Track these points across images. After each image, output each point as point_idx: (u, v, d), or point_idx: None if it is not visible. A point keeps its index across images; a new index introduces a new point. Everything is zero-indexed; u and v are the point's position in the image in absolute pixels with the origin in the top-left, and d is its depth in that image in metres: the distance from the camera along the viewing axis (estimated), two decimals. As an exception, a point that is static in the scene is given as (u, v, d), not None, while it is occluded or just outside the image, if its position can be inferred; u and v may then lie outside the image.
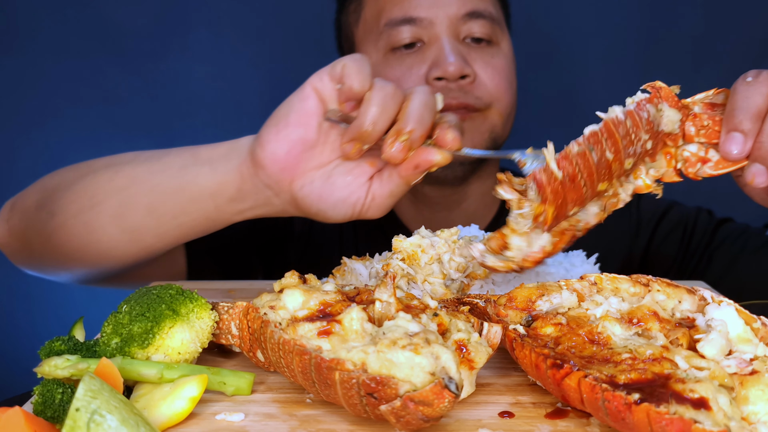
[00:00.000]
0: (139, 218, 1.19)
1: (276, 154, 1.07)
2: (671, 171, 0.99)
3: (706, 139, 0.96)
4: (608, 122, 0.91)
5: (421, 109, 0.99)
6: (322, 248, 1.72)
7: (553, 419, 0.78)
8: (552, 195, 0.90)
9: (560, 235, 0.97)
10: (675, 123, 0.96)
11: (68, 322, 0.99)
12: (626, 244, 1.68)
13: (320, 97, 1.05)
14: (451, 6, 1.52)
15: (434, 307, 0.84)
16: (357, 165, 1.09)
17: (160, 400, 0.77)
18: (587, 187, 0.92)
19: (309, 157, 1.08)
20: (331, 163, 1.10)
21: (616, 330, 0.80)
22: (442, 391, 0.68)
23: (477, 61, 1.54)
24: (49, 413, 0.77)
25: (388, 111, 0.99)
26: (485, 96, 1.54)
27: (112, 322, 0.85)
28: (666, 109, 0.96)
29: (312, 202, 1.10)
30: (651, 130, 0.94)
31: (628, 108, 0.93)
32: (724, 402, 0.65)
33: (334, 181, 1.09)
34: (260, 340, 0.83)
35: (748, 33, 2.24)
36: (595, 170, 0.91)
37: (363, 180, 1.09)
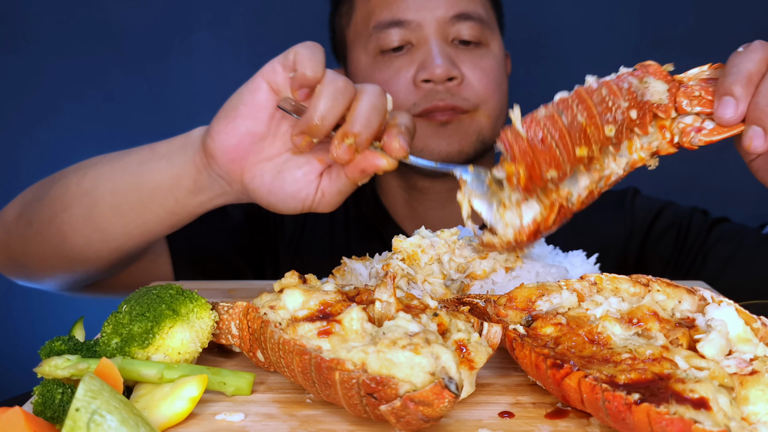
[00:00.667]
0: (106, 218, 1.22)
1: (225, 146, 1.08)
2: (666, 143, 0.99)
3: (701, 108, 0.97)
4: (579, 89, 0.95)
5: (369, 112, 0.99)
6: (313, 249, 1.72)
7: (553, 419, 0.78)
8: (520, 154, 0.94)
9: (550, 207, 0.99)
10: (662, 93, 0.96)
11: (68, 322, 0.99)
12: (621, 244, 1.68)
13: (272, 88, 1.06)
14: (439, 8, 1.52)
15: (434, 307, 0.84)
16: (307, 161, 1.10)
17: (160, 400, 0.77)
18: (560, 149, 0.94)
19: (259, 150, 1.09)
20: (281, 156, 1.10)
21: (616, 330, 0.80)
22: (442, 391, 0.68)
23: (465, 62, 1.54)
24: (49, 413, 0.77)
25: (338, 106, 0.99)
26: (473, 98, 1.54)
27: (112, 322, 0.85)
28: (651, 81, 0.97)
29: (263, 195, 1.11)
30: (633, 99, 0.95)
31: (604, 79, 0.96)
32: (724, 402, 0.65)
33: (284, 177, 1.10)
34: (260, 340, 0.83)
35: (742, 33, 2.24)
36: (567, 133, 0.94)
37: (312, 177, 1.10)
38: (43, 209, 1.28)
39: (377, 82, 1.55)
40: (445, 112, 1.52)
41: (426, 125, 1.53)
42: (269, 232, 1.71)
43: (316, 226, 1.73)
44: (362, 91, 1.01)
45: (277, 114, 1.08)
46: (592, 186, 1.00)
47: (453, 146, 1.55)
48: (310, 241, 1.72)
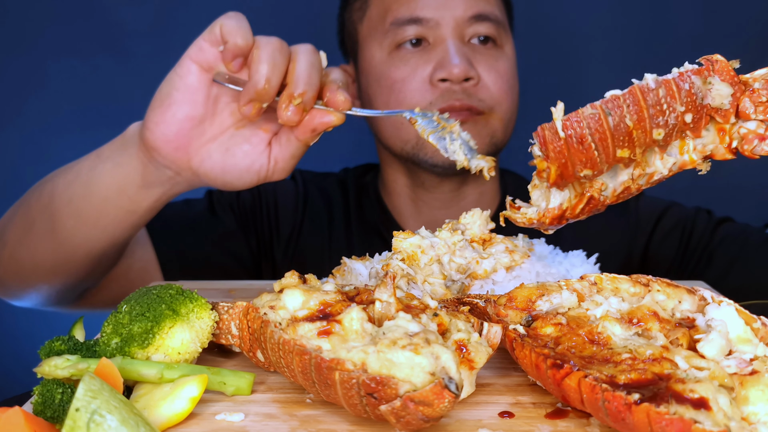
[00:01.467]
0: (68, 228, 1.22)
1: (166, 135, 1.07)
2: (723, 148, 0.93)
3: (765, 116, 0.91)
4: (635, 88, 0.89)
5: (309, 70, 1.00)
6: (311, 253, 1.71)
7: (553, 419, 0.78)
8: (555, 153, 0.90)
9: (580, 196, 0.95)
10: (725, 98, 0.90)
11: (68, 322, 0.99)
12: (625, 244, 1.68)
13: (202, 67, 1.05)
14: (457, 8, 1.52)
15: (434, 307, 0.84)
16: (252, 133, 1.10)
17: (160, 400, 0.77)
18: (600, 151, 0.89)
19: (201, 132, 1.08)
20: (225, 134, 1.10)
21: (616, 330, 0.80)
22: (442, 391, 0.68)
23: (481, 63, 1.54)
24: (49, 413, 0.77)
25: (279, 66, 1.00)
26: (488, 99, 1.54)
27: (112, 322, 0.85)
28: (716, 82, 0.90)
29: (216, 176, 1.11)
30: (691, 103, 0.89)
31: (665, 77, 0.89)
32: (724, 402, 0.65)
33: (234, 153, 1.09)
34: (260, 340, 0.83)
35: (747, 33, 2.24)
36: (610, 135, 0.88)
37: (262, 147, 1.10)
38: (12, 231, 1.31)
39: (392, 79, 1.55)
40: (461, 113, 1.51)
41: None
42: (264, 235, 1.70)
43: (313, 228, 1.73)
44: (296, 51, 1.02)
45: (212, 93, 1.08)
46: (629, 183, 0.95)
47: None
48: (308, 243, 1.71)
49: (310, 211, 1.74)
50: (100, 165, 1.18)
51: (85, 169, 1.21)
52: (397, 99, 1.55)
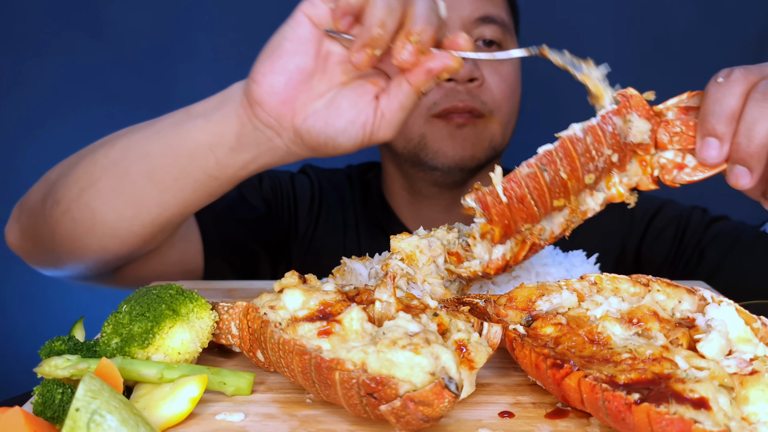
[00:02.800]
0: (139, 187, 1.15)
1: (274, 86, 1.03)
2: (646, 179, 0.98)
3: (680, 146, 0.96)
4: (564, 140, 0.93)
5: (428, 11, 0.95)
6: (326, 248, 1.72)
7: (553, 419, 0.78)
8: (498, 216, 0.94)
9: (521, 244, 0.99)
10: (645, 133, 0.95)
11: (68, 322, 0.99)
12: (619, 242, 1.68)
13: (314, 22, 1.02)
14: (465, 9, 1.53)
15: (434, 307, 0.84)
16: (360, 86, 1.05)
17: (160, 400, 0.77)
18: (539, 206, 0.94)
19: (309, 87, 1.04)
20: (330, 92, 1.06)
21: (616, 330, 0.80)
22: (442, 391, 0.68)
23: (486, 65, 1.55)
24: (49, 413, 0.77)
25: (395, 11, 0.94)
26: (490, 102, 1.55)
27: (112, 322, 0.85)
28: (635, 119, 0.95)
29: (319, 132, 1.05)
30: (616, 144, 0.94)
31: (590, 123, 0.94)
32: (724, 402, 0.65)
33: (339, 104, 1.04)
34: (260, 340, 0.83)
35: (744, 32, 2.24)
36: (547, 189, 0.93)
37: (369, 98, 1.05)
38: (70, 185, 1.21)
39: None
40: (463, 114, 1.52)
41: (443, 126, 1.54)
42: (284, 226, 1.71)
43: (329, 223, 1.73)
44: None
45: (324, 48, 1.04)
46: (565, 224, 0.99)
47: (467, 151, 1.56)
48: (323, 237, 1.72)
49: (326, 206, 1.74)
50: (189, 121, 1.11)
51: (168, 125, 1.14)
52: None
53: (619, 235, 1.69)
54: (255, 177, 1.70)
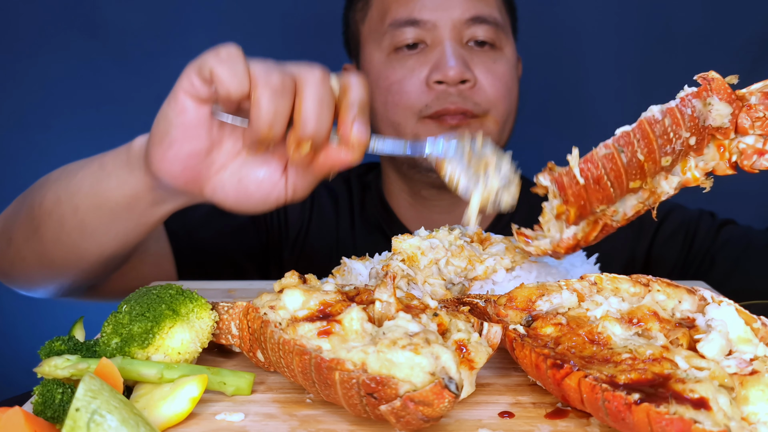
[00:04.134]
0: (75, 236, 1.17)
1: (172, 172, 0.99)
2: (724, 164, 0.95)
3: (762, 131, 0.92)
4: (643, 122, 0.91)
5: (318, 109, 0.90)
6: (318, 251, 1.72)
7: (553, 419, 0.78)
8: (574, 197, 0.93)
9: (593, 224, 0.97)
10: (725, 117, 0.92)
11: (68, 322, 0.99)
12: (628, 247, 1.68)
13: (198, 100, 0.95)
14: (455, 9, 1.52)
15: (434, 307, 0.84)
16: (265, 161, 1.01)
17: (160, 400, 0.77)
18: (615, 188, 0.92)
19: (210, 163, 1.00)
20: (236, 159, 1.01)
21: (616, 330, 0.80)
22: (442, 391, 0.68)
23: (478, 66, 1.54)
24: (49, 413, 0.77)
25: (282, 109, 0.90)
26: (483, 102, 1.54)
27: (112, 322, 0.85)
28: (716, 102, 0.92)
29: (231, 205, 1.04)
30: (695, 126, 0.92)
31: (668, 105, 0.91)
32: (724, 402, 0.65)
33: (247, 185, 1.01)
34: (260, 340, 0.83)
35: (748, 33, 2.24)
36: (624, 171, 0.91)
37: (277, 176, 1.01)
38: (18, 229, 1.25)
39: (390, 81, 1.55)
40: (456, 116, 1.52)
41: (435, 127, 1.54)
42: (273, 232, 1.71)
43: (321, 226, 1.73)
44: (304, 82, 0.90)
45: (213, 126, 0.98)
46: (639, 206, 0.98)
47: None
48: (315, 241, 1.72)
49: (318, 209, 1.74)
50: (105, 180, 1.10)
51: (87, 180, 1.14)
52: (394, 100, 1.56)
53: (628, 241, 1.68)
54: None
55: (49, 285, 1.33)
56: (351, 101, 0.92)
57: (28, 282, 1.35)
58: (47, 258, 1.22)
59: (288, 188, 1.02)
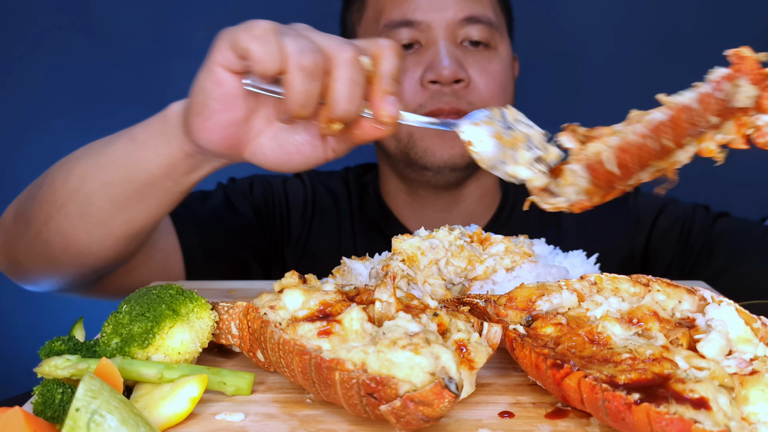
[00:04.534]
0: (104, 211, 1.17)
1: (213, 141, 1.01)
2: (740, 138, 0.93)
3: None
4: (678, 111, 0.90)
5: (350, 90, 0.92)
6: (320, 251, 1.72)
7: (553, 419, 0.78)
8: (604, 182, 0.93)
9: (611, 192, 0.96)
10: (751, 99, 0.90)
11: (68, 322, 0.99)
12: (626, 241, 1.69)
13: (233, 73, 0.97)
14: (449, 10, 1.53)
15: (434, 307, 0.84)
16: (304, 126, 1.02)
17: (160, 400, 0.77)
18: (636, 168, 0.92)
19: (249, 129, 1.02)
20: (274, 125, 1.02)
21: (616, 330, 0.80)
22: (442, 391, 0.68)
23: (473, 65, 1.55)
24: (49, 413, 0.77)
25: (314, 90, 0.91)
26: (477, 101, 1.54)
27: (112, 322, 0.85)
28: (744, 84, 0.90)
29: (272, 166, 1.05)
30: (722, 109, 0.91)
31: (701, 91, 0.90)
32: (724, 402, 0.65)
33: (287, 148, 1.02)
34: (260, 340, 0.83)
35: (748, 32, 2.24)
36: (652, 156, 0.91)
37: (317, 140, 1.02)
38: (38, 210, 1.24)
39: None
40: (449, 116, 1.52)
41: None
42: (276, 232, 1.71)
43: (323, 226, 1.73)
44: (336, 63, 0.92)
45: (250, 95, 0.99)
46: (656, 174, 0.96)
47: (455, 149, 1.56)
48: (317, 241, 1.72)
49: (320, 210, 1.75)
50: (139, 151, 1.11)
51: (119, 153, 1.14)
52: None
53: (625, 237, 1.69)
54: (245, 183, 1.70)
55: (69, 270, 1.30)
56: (381, 75, 0.93)
57: (46, 269, 1.31)
58: (72, 237, 1.21)
59: (328, 150, 1.03)
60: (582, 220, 1.71)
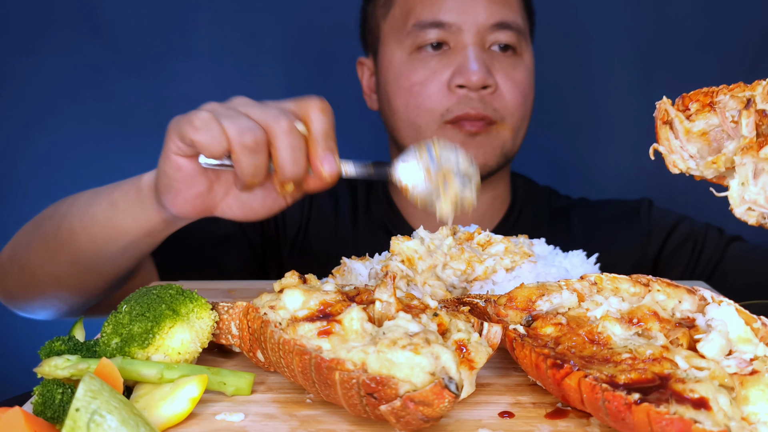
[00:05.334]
0: (93, 262, 1.28)
1: (184, 211, 1.12)
2: None
3: None
4: None
5: (293, 155, 1.00)
6: (317, 250, 1.72)
7: (553, 419, 0.78)
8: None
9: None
10: None
11: (68, 323, 0.99)
12: (635, 252, 1.69)
13: (188, 157, 1.06)
14: (480, 14, 1.53)
15: (434, 307, 0.84)
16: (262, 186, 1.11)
17: (160, 400, 0.77)
18: None
19: (213, 196, 1.12)
20: (235, 188, 1.13)
21: (616, 330, 0.80)
22: (442, 391, 0.68)
23: (499, 72, 1.55)
24: (49, 413, 0.77)
25: (260, 161, 1.01)
26: (502, 109, 1.55)
27: (112, 322, 0.85)
28: None
29: (241, 219, 1.17)
30: None
31: None
32: (724, 402, 0.65)
33: (251, 204, 1.14)
34: (260, 340, 0.83)
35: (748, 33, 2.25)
36: None
37: (275, 194, 1.13)
38: (32, 257, 1.34)
39: (411, 81, 1.56)
40: (476, 123, 1.53)
41: (455, 134, 1.55)
42: (270, 233, 1.71)
43: (319, 227, 1.73)
44: (274, 135, 1.00)
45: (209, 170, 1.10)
46: None
47: (478, 159, 1.57)
48: (314, 241, 1.72)
49: (317, 209, 1.75)
50: (119, 216, 1.20)
51: (101, 217, 1.22)
52: (416, 102, 1.57)
53: (635, 248, 1.69)
54: None
55: (62, 306, 1.41)
56: (315, 137, 1.02)
57: (40, 305, 1.42)
58: (64, 280, 1.32)
59: (287, 198, 1.14)
60: (592, 227, 1.71)
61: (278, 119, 1.00)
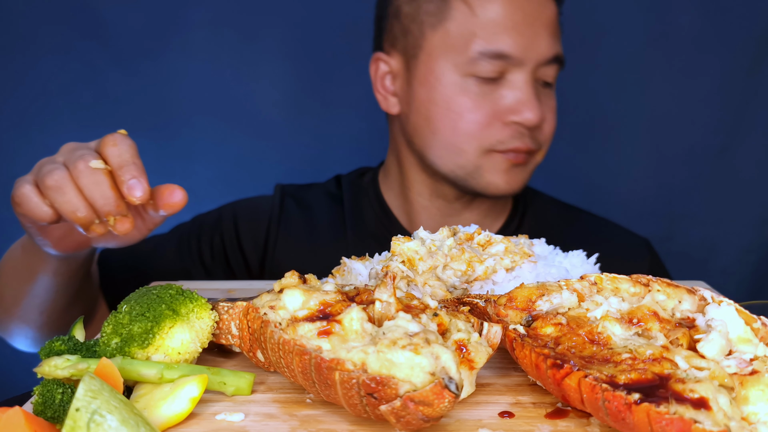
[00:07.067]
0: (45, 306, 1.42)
1: (64, 250, 1.25)
2: None
3: None
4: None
5: (100, 193, 1.04)
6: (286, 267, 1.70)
7: (553, 419, 0.78)
8: None
9: None
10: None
11: (68, 323, 0.99)
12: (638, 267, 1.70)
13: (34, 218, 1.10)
14: (541, 47, 1.51)
15: (434, 307, 0.84)
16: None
17: (160, 400, 0.77)
18: None
19: (78, 236, 1.23)
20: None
21: (616, 330, 0.80)
22: (442, 391, 0.68)
23: (544, 105, 1.55)
24: (49, 413, 0.77)
25: (70, 200, 1.05)
26: (541, 139, 1.57)
27: (112, 322, 0.85)
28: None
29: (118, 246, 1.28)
30: None
31: None
32: (724, 402, 0.65)
33: (116, 237, 1.23)
34: (260, 340, 0.83)
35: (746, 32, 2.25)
36: None
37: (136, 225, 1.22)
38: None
39: (463, 108, 1.52)
40: (521, 155, 1.54)
41: (501, 161, 1.54)
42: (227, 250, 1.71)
43: (289, 238, 1.71)
44: (74, 176, 1.05)
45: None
46: None
47: (518, 184, 1.59)
48: (283, 253, 1.70)
49: (286, 222, 1.72)
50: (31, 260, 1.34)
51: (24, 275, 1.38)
52: (466, 128, 1.53)
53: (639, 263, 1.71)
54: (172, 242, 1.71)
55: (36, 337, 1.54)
56: (114, 170, 1.06)
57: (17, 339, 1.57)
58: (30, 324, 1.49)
59: (148, 226, 1.23)
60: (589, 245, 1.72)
61: (75, 163, 1.06)
